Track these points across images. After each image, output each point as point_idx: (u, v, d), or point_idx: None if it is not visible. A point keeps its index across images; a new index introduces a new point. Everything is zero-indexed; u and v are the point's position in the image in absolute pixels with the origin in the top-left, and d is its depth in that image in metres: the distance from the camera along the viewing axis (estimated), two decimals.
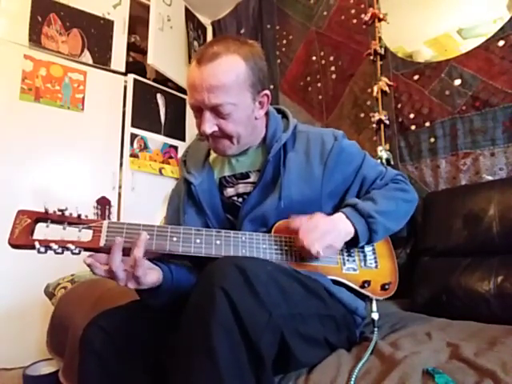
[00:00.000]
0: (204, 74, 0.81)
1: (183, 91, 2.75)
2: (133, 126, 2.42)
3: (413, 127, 1.78)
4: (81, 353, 0.78)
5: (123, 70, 2.45)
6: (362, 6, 2.05)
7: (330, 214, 0.90)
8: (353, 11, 2.10)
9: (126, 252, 0.76)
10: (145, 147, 2.48)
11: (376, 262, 0.94)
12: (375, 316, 0.88)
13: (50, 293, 1.64)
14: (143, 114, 2.49)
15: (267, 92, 0.91)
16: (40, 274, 1.76)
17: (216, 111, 0.83)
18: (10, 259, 1.86)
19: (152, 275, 0.76)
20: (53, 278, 1.70)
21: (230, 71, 0.81)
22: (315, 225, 0.82)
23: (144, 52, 2.62)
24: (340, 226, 0.85)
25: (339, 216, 0.87)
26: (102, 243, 0.73)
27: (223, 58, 0.81)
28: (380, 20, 1.95)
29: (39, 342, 1.84)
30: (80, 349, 0.79)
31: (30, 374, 1.67)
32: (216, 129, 0.86)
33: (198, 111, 0.86)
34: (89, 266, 0.71)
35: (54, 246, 0.70)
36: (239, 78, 0.82)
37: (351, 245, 0.89)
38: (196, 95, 0.83)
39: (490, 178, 1.53)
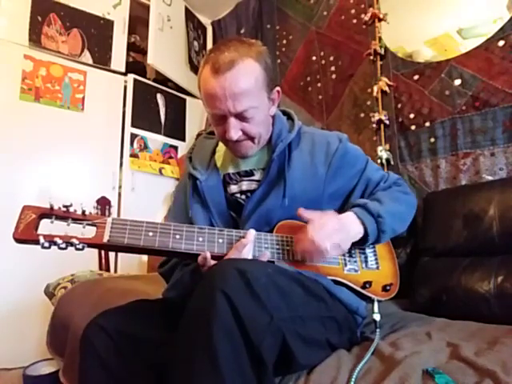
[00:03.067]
0: (225, 82, 0.81)
1: (183, 91, 2.75)
2: (133, 126, 2.42)
3: (413, 127, 1.78)
4: (81, 353, 0.79)
5: (123, 70, 2.45)
6: (362, 5, 2.05)
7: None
8: (353, 11, 2.10)
9: (136, 250, 0.77)
10: (145, 147, 2.48)
11: (377, 263, 0.94)
12: (377, 317, 0.88)
13: (50, 293, 1.64)
14: (143, 114, 2.49)
15: (278, 88, 0.93)
16: (40, 274, 1.76)
17: (240, 117, 0.85)
18: (10, 259, 1.86)
19: None
20: (53, 278, 1.69)
21: (250, 76, 0.83)
22: (325, 223, 0.82)
23: (144, 52, 2.63)
24: (349, 227, 0.85)
25: (348, 216, 0.87)
26: (105, 239, 0.74)
27: (240, 64, 0.82)
28: (380, 20, 1.95)
29: (39, 342, 1.84)
30: (80, 349, 0.79)
31: (30, 373, 1.67)
32: (241, 133, 0.87)
33: (221, 119, 0.86)
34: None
35: (59, 241, 0.70)
36: (258, 80, 0.84)
37: (358, 244, 0.89)
38: (219, 104, 0.83)
39: (490, 178, 1.53)
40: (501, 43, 1.54)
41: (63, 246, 0.71)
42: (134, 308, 0.87)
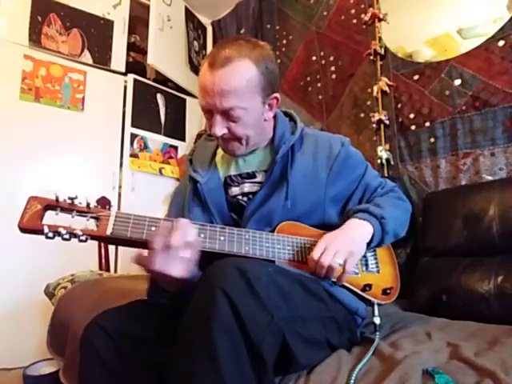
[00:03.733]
0: (216, 78, 0.82)
1: (183, 91, 2.75)
2: (133, 126, 2.42)
3: (413, 127, 1.78)
4: (81, 353, 0.79)
5: (123, 70, 2.45)
6: (362, 5, 2.05)
7: (334, 217, 0.91)
8: (353, 11, 2.10)
9: (137, 244, 0.77)
10: (145, 147, 2.48)
11: (377, 267, 0.95)
12: (377, 321, 0.88)
13: (50, 293, 1.64)
14: (143, 113, 2.49)
15: (277, 95, 0.91)
16: (40, 274, 1.76)
17: (227, 115, 0.85)
18: (10, 259, 1.86)
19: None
20: (53, 278, 1.70)
21: (242, 77, 0.82)
22: (323, 245, 0.81)
23: (144, 52, 2.62)
24: (354, 231, 0.85)
25: (351, 222, 0.88)
26: (108, 232, 0.74)
27: (235, 63, 0.82)
28: (380, 20, 1.95)
29: (39, 342, 1.84)
30: (81, 349, 0.79)
31: (30, 373, 1.67)
32: (226, 131, 0.87)
33: (209, 113, 0.87)
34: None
35: (62, 231, 0.71)
36: (250, 83, 0.83)
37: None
38: (207, 98, 0.84)
39: (490, 178, 1.53)
40: (501, 43, 1.54)
41: (67, 236, 0.72)
42: (134, 308, 0.87)
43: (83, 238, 0.73)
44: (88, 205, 0.76)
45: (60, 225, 0.72)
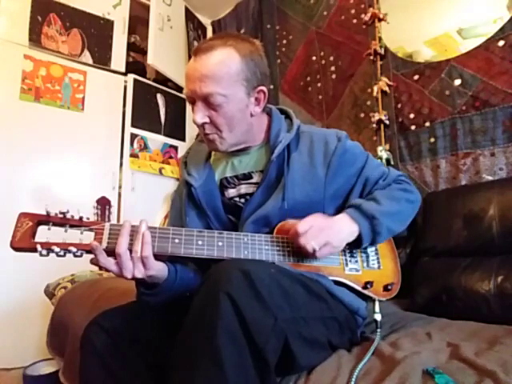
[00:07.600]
0: (197, 64, 0.83)
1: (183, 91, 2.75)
2: (133, 126, 2.42)
3: (413, 127, 1.78)
4: (81, 353, 0.79)
5: (123, 70, 2.45)
6: (362, 6, 2.05)
7: (333, 215, 0.89)
8: (353, 11, 2.10)
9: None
10: (145, 147, 2.48)
11: (379, 262, 0.94)
12: (378, 317, 0.88)
13: (50, 293, 1.64)
14: (143, 113, 2.49)
15: (263, 88, 0.89)
16: (40, 274, 1.76)
17: (207, 102, 0.84)
18: (10, 259, 1.86)
19: (158, 263, 0.77)
20: (53, 278, 1.70)
21: (222, 63, 0.82)
22: (310, 224, 0.81)
23: (144, 52, 2.62)
24: (340, 226, 0.84)
25: (341, 216, 0.87)
26: (103, 245, 0.73)
27: (217, 50, 0.82)
28: (380, 20, 1.95)
29: (39, 342, 1.84)
30: (81, 349, 0.79)
31: (30, 373, 1.67)
32: (207, 120, 0.86)
33: (193, 103, 0.87)
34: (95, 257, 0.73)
35: (56, 249, 0.70)
36: (231, 69, 0.83)
37: (354, 246, 0.88)
38: (189, 85, 0.84)
39: (490, 178, 1.53)
40: (501, 43, 1.54)
41: (61, 253, 0.71)
42: (134, 308, 0.87)
43: (78, 253, 0.72)
44: (81, 218, 0.75)
45: (53, 242, 0.71)
